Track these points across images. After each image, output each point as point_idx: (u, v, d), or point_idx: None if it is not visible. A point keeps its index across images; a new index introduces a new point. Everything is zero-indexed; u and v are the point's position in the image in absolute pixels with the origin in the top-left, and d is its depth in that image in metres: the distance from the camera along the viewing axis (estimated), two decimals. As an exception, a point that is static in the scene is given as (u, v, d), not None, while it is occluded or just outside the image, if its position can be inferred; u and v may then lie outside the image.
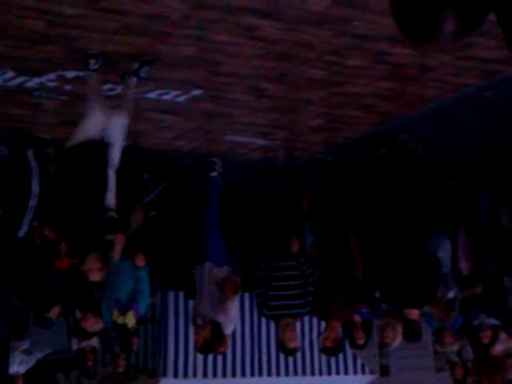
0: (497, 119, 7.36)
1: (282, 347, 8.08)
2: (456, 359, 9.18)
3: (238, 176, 8.50)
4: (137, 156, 7.94)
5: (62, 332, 9.03)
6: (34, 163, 7.10)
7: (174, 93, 6.55)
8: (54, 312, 7.53)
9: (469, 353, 9.10)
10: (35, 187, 7.00)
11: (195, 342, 8.36)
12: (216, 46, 5.68)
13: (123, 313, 7.83)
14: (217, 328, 7.98)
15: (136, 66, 6.05)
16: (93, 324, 7.89)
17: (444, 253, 7.98)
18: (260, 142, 7.90)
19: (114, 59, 5.87)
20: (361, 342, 8.36)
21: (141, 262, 7.93)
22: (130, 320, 7.86)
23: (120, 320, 7.83)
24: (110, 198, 6.14)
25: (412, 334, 7.76)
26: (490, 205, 8.52)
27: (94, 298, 8.10)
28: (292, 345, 7.98)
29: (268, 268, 8.03)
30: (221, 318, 8.08)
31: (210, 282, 8.01)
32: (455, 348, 9.04)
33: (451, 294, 8.20)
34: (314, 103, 6.87)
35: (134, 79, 6.17)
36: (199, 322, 8.22)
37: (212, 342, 8.03)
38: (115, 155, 6.26)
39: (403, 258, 7.52)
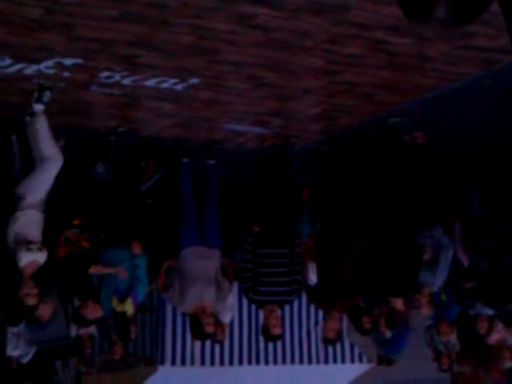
0: (495, 109, 7.35)
1: (265, 333, 8.04)
2: (443, 349, 9.21)
3: (235, 164, 8.50)
4: (134, 144, 7.95)
5: (60, 320, 9.04)
6: (16, 148, 7.15)
7: (171, 81, 6.55)
8: (45, 311, 7.52)
9: (455, 344, 9.13)
10: (17, 173, 7.07)
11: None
12: (214, 34, 5.66)
13: (122, 300, 7.85)
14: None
15: (36, 94, 6.61)
16: (92, 311, 7.91)
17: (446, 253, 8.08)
18: (258, 130, 7.90)
19: (111, 47, 5.86)
20: (368, 326, 8.37)
21: (137, 249, 7.95)
22: (129, 308, 7.89)
23: (119, 308, 7.85)
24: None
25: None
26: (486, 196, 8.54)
27: (92, 285, 8.12)
28: (276, 331, 7.97)
29: (253, 250, 7.99)
30: (219, 306, 8.09)
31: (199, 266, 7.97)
32: (451, 338, 9.07)
33: (435, 287, 8.29)
34: (311, 92, 6.87)
35: (40, 106, 6.70)
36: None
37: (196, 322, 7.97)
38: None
39: (391, 246, 7.56)
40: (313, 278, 8.15)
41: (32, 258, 6.77)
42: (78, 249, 8.26)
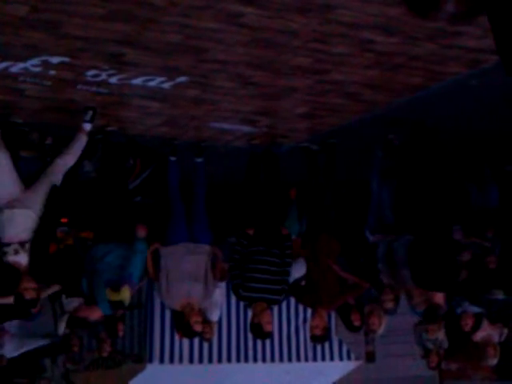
0: (482, 108, 7.38)
1: (257, 330, 7.96)
2: (431, 347, 9.24)
3: (222, 163, 8.51)
4: (122, 142, 7.94)
5: (48, 318, 9.03)
6: None
7: (159, 79, 6.54)
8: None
9: (444, 341, 9.17)
10: None
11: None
12: (201, 32, 5.66)
13: (116, 289, 7.78)
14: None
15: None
16: (92, 313, 7.84)
17: None
18: (245, 129, 7.90)
19: (98, 45, 5.84)
20: (358, 323, 8.37)
21: (142, 232, 7.83)
22: (125, 295, 7.78)
23: (114, 297, 7.78)
24: None
25: (433, 316, 7.86)
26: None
27: (79, 283, 8.10)
28: (269, 328, 7.93)
29: (244, 251, 7.97)
30: (206, 303, 8.08)
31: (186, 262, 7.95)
32: (440, 335, 9.10)
33: None
34: (299, 91, 6.87)
35: None
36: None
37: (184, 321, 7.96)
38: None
39: (437, 240, 7.57)
40: (296, 274, 8.17)
41: (13, 260, 6.74)
42: (65, 247, 8.26)
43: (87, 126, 7.22)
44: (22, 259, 6.77)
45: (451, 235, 7.87)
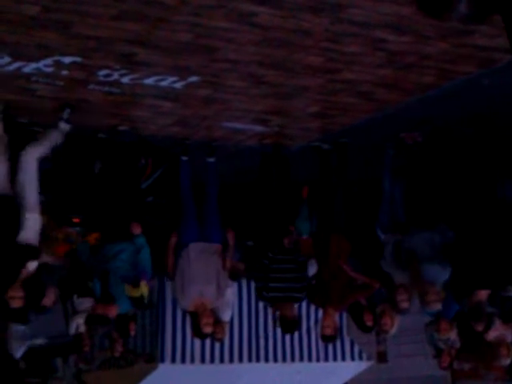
0: (494, 107, 7.35)
1: (283, 321, 8.09)
2: (443, 346, 9.22)
3: (235, 163, 8.50)
4: (133, 141, 7.95)
5: (59, 318, 9.06)
6: None
7: (170, 79, 6.54)
8: (50, 299, 7.55)
9: (456, 341, 9.13)
10: None
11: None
12: (213, 32, 5.66)
13: (135, 285, 7.83)
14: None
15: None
16: (110, 310, 7.89)
17: None
18: (257, 128, 7.90)
19: (110, 45, 5.85)
20: (370, 323, 8.38)
21: (137, 229, 7.92)
22: (145, 289, 7.89)
23: (134, 293, 7.85)
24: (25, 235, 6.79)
25: (479, 315, 7.83)
26: None
27: (89, 283, 8.13)
28: (294, 317, 8.07)
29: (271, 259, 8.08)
30: (218, 303, 8.10)
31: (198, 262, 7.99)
32: (452, 335, 9.07)
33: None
34: (310, 90, 6.86)
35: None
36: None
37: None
38: (30, 196, 6.87)
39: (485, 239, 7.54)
40: (311, 272, 8.23)
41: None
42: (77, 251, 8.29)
43: (65, 126, 7.21)
44: (31, 266, 6.91)
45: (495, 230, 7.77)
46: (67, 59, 6.10)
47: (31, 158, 6.98)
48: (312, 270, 8.33)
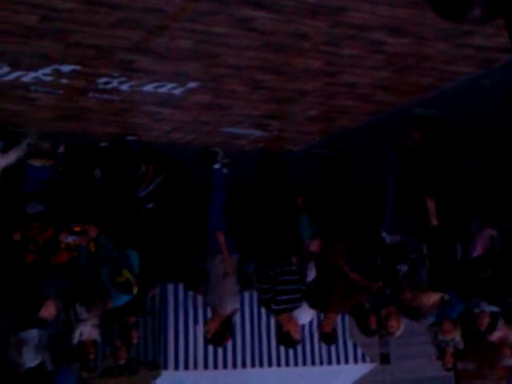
0: (494, 107, 7.34)
1: (286, 339, 8.13)
2: (447, 348, 9.20)
3: (235, 168, 8.49)
4: (137, 150, 7.96)
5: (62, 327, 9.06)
6: None
7: (169, 85, 6.54)
8: (49, 311, 7.51)
9: (459, 342, 9.12)
10: None
11: (205, 333, 8.38)
12: (212, 38, 5.66)
13: (118, 273, 7.83)
14: (228, 319, 8.03)
15: None
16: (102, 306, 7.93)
17: None
18: (257, 133, 7.89)
19: (108, 53, 5.85)
20: (374, 327, 8.40)
21: (93, 232, 7.93)
22: (128, 275, 7.85)
23: (120, 279, 7.83)
24: None
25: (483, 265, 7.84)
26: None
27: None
28: (299, 336, 8.10)
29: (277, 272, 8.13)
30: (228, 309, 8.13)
31: (221, 273, 8.03)
32: (456, 336, 9.06)
33: None
34: (310, 93, 6.85)
35: None
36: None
37: (222, 332, 8.05)
38: None
39: None
40: (310, 277, 8.26)
41: None
42: (78, 255, 8.27)
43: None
44: None
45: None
46: (66, 68, 6.10)
47: None
48: (311, 274, 8.35)
